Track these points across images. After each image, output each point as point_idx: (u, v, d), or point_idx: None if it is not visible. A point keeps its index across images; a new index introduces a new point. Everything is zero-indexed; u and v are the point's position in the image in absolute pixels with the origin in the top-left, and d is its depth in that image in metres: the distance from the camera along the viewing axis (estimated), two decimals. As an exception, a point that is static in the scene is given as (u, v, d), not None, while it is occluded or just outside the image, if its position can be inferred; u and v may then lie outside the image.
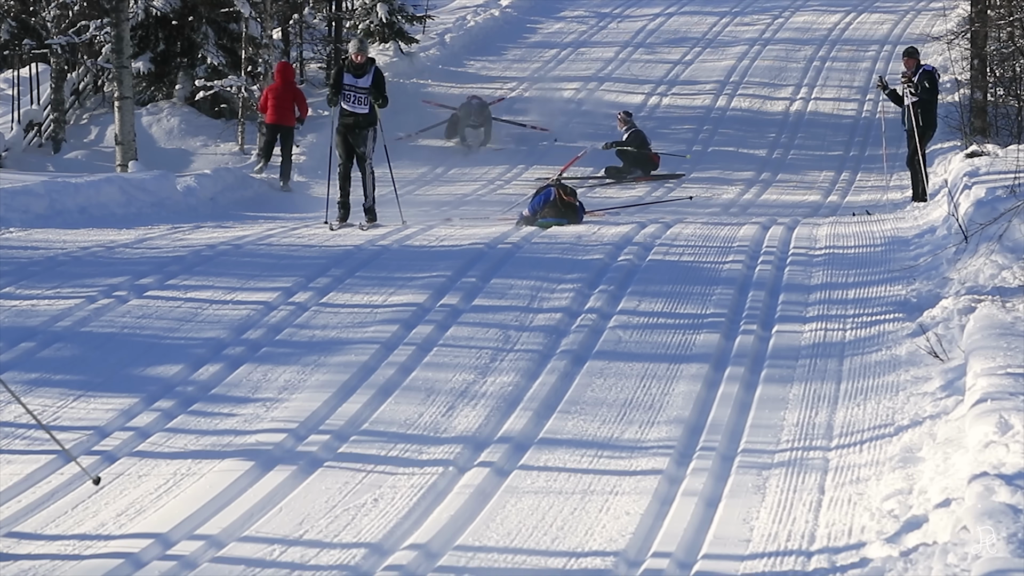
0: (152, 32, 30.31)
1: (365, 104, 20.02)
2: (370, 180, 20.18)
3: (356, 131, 20.06)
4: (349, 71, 20.07)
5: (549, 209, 20.13)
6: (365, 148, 20.07)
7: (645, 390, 11.91)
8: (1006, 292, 13.11)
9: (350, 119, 20.07)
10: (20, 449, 10.72)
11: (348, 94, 19.99)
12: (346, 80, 19.98)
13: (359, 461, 10.39)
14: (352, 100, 20.00)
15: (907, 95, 22.28)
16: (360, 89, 19.98)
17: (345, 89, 19.99)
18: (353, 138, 20.12)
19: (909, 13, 39.69)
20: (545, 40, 38.55)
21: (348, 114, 20.08)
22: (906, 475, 9.60)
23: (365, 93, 19.99)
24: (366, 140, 20.09)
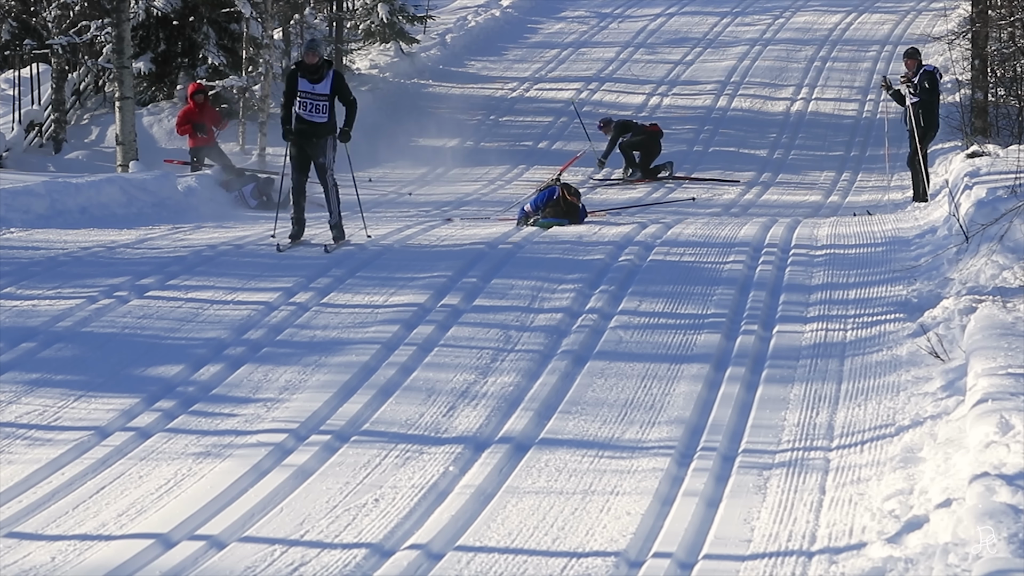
0: (153, 32, 30.32)
1: (324, 112, 17.63)
2: (333, 193, 17.92)
3: (313, 140, 17.72)
4: (303, 76, 17.60)
5: (551, 208, 20.12)
6: (324, 158, 17.71)
7: (646, 390, 11.91)
8: (1007, 292, 13.10)
9: (306, 127, 17.67)
10: (20, 449, 10.72)
11: (304, 102, 17.59)
12: (301, 86, 17.60)
13: (360, 461, 10.39)
14: (309, 108, 17.59)
15: (908, 95, 22.16)
16: (317, 96, 17.55)
17: (300, 96, 17.62)
18: (310, 148, 17.75)
19: (910, 13, 39.70)
20: (546, 40, 38.56)
21: (305, 123, 17.65)
22: (907, 475, 9.60)
23: (324, 100, 17.57)
24: (325, 149, 17.71)
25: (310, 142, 17.66)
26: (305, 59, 17.59)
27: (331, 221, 17.95)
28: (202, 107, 25.78)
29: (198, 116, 25.65)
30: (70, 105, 30.24)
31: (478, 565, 8.67)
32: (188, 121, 25.64)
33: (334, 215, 17.90)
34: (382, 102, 32.40)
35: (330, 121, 17.65)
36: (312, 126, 17.59)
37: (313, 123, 17.57)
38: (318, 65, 17.51)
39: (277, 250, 17.21)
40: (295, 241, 17.79)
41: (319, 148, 17.66)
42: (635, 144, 26.66)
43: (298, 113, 17.59)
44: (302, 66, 17.58)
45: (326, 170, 17.74)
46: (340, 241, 17.77)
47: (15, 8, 31.00)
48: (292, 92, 17.63)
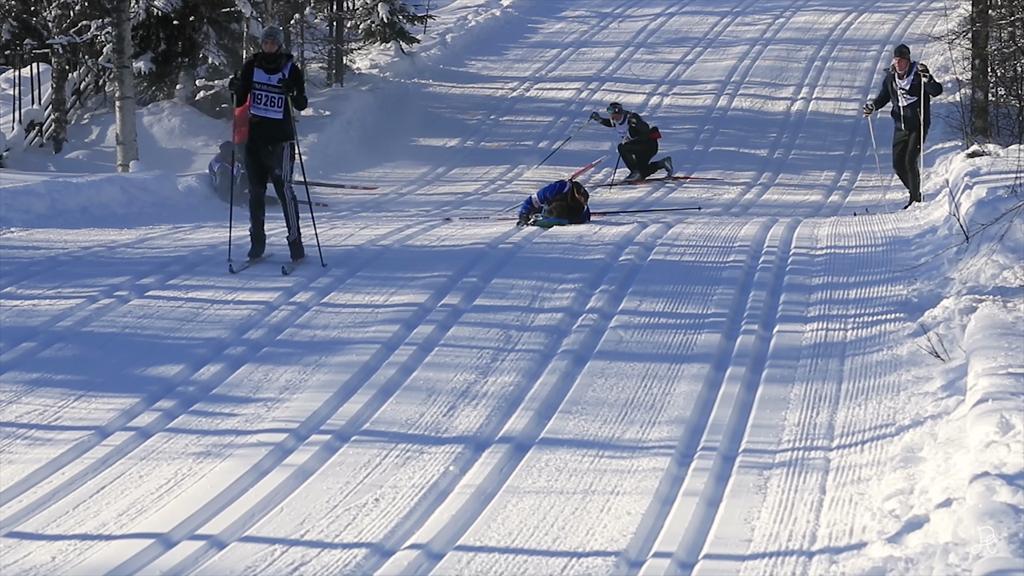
0: (153, 32, 30.31)
1: (279, 107, 16.30)
2: (292, 208, 16.54)
3: (268, 148, 16.33)
4: (260, 65, 16.34)
5: (557, 203, 20.08)
6: (281, 170, 16.42)
7: (646, 390, 11.91)
8: (1007, 292, 13.10)
9: (260, 128, 16.29)
10: (20, 449, 10.72)
11: (259, 94, 16.27)
12: (256, 76, 16.30)
13: (360, 461, 10.39)
14: (264, 101, 16.29)
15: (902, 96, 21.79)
16: (273, 87, 16.27)
17: (255, 88, 16.29)
18: (265, 156, 16.40)
19: (910, 13, 39.71)
20: (546, 40, 38.57)
21: (258, 121, 16.30)
22: (907, 475, 9.60)
23: (279, 92, 16.26)
24: (281, 159, 16.39)
25: (265, 149, 16.34)
26: (263, 47, 16.42)
27: (289, 238, 16.54)
28: None
29: None
30: (70, 105, 30.24)
31: (478, 565, 8.67)
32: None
33: (292, 231, 16.53)
34: (382, 102, 32.41)
35: (285, 119, 16.34)
36: (267, 125, 16.27)
37: (267, 120, 16.27)
38: (276, 54, 16.31)
39: (230, 271, 15.88)
40: (254, 259, 16.42)
41: (275, 157, 16.36)
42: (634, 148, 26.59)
43: (252, 112, 16.32)
44: (259, 56, 16.43)
45: (283, 182, 16.43)
46: (299, 260, 16.42)
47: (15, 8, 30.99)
48: (247, 81, 16.29)
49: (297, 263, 16.30)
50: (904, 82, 21.70)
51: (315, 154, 28.18)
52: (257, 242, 16.56)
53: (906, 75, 21.75)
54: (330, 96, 32.01)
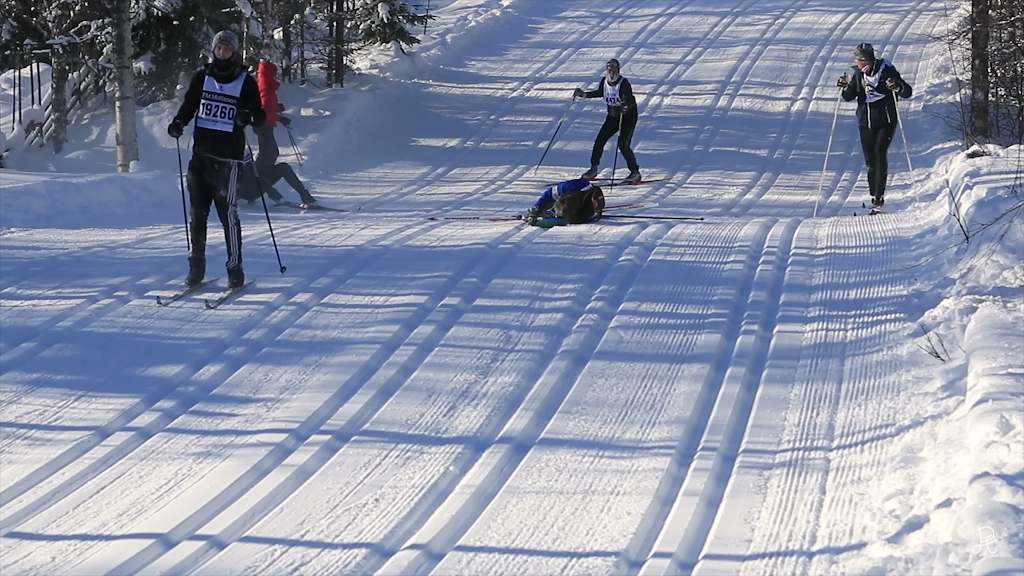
0: (153, 32, 30.30)
1: (228, 119, 14.96)
2: (233, 232, 15.22)
3: (215, 167, 15.05)
4: (212, 73, 15.09)
5: (569, 197, 20.09)
6: (226, 192, 15.12)
7: (646, 390, 11.91)
8: (1007, 292, 13.11)
9: (206, 143, 15.03)
10: (20, 449, 10.72)
11: (208, 105, 14.99)
12: (206, 86, 15.02)
13: (360, 461, 10.40)
14: (212, 112, 14.97)
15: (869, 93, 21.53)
16: (226, 98, 14.98)
17: (205, 98, 15.00)
18: (210, 175, 15.11)
19: (910, 13, 39.69)
20: (546, 40, 38.55)
21: (205, 135, 15.04)
22: (907, 475, 9.60)
23: (231, 103, 14.96)
24: (227, 180, 15.10)
25: (211, 168, 15.06)
26: (216, 53, 15.07)
27: (229, 264, 15.25)
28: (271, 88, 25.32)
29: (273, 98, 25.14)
30: (70, 105, 30.22)
31: (478, 565, 8.67)
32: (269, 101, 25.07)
33: (233, 257, 15.24)
34: (382, 102, 32.40)
35: (235, 135, 15.02)
36: (213, 137, 14.99)
37: (215, 132, 14.98)
38: (230, 62, 15.01)
39: (158, 303, 14.54)
40: (192, 286, 15.14)
41: (220, 177, 15.08)
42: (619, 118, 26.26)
43: (199, 125, 15.08)
44: (211, 63, 15.22)
45: (227, 205, 15.16)
46: (236, 288, 15.08)
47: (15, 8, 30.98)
48: (195, 95, 15.07)
49: (232, 292, 14.98)
50: (871, 79, 21.48)
51: (315, 154, 28.17)
52: (197, 267, 15.32)
53: (872, 72, 21.53)
54: (330, 96, 32.00)
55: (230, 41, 15.20)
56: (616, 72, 26.41)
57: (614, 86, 26.31)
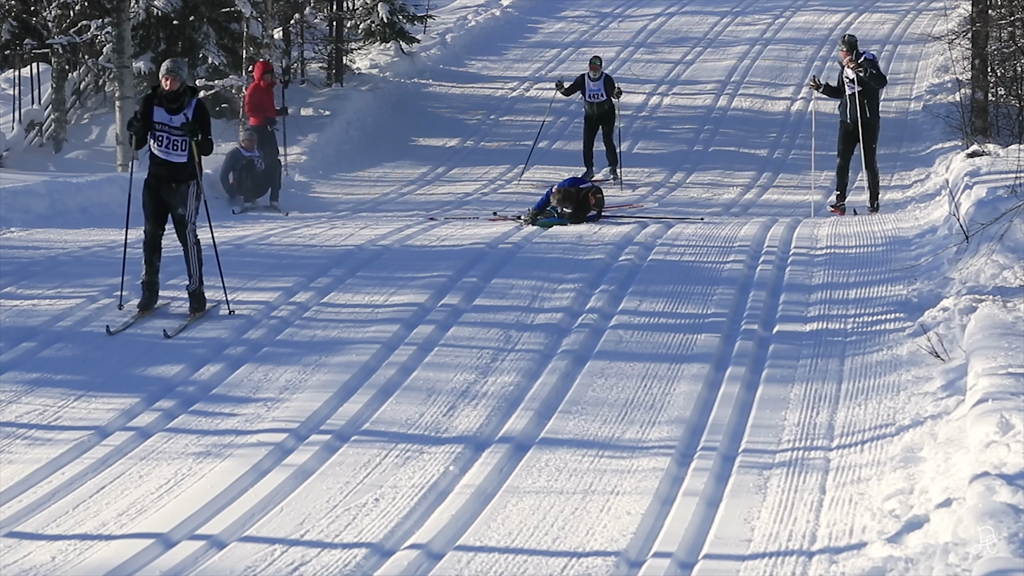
0: (153, 32, 30.29)
1: (183, 150, 14.18)
2: (194, 253, 14.45)
3: (172, 185, 14.27)
4: (160, 103, 14.17)
5: (568, 192, 20.13)
6: (185, 209, 14.29)
7: (646, 390, 11.91)
8: (1007, 292, 13.11)
9: (163, 169, 14.28)
10: (20, 449, 10.72)
11: (160, 136, 14.18)
12: (156, 116, 14.16)
13: (360, 461, 10.39)
14: (165, 144, 14.18)
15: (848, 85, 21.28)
16: (175, 130, 14.15)
17: (156, 129, 14.18)
18: (167, 194, 14.30)
19: (910, 13, 39.68)
20: (546, 40, 38.54)
21: (160, 163, 14.27)
22: (907, 475, 9.60)
23: (181, 135, 14.15)
24: (186, 198, 14.29)
25: (168, 186, 14.27)
26: (163, 83, 14.13)
27: (189, 287, 14.43)
28: (269, 88, 25.25)
29: (268, 98, 25.15)
30: (70, 105, 30.21)
31: (478, 565, 8.67)
32: (260, 102, 25.03)
33: (194, 280, 14.41)
34: (382, 102, 32.39)
35: (190, 163, 14.28)
36: (167, 166, 14.25)
37: (169, 163, 14.24)
38: (179, 93, 14.13)
39: (108, 332, 13.63)
40: (145, 311, 14.25)
41: (178, 195, 14.27)
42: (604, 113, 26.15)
43: (152, 152, 14.35)
44: (158, 92, 14.20)
45: (186, 224, 14.33)
46: (198, 314, 14.25)
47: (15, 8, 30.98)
48: (144, 120, 14.20)
49: (194, 318, 14.15)
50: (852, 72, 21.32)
51: (315, 154, 28.17)
52: (150, 291, 14.39)
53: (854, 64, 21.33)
54: (330, 96, 31.99)
55: (177, 72, 14.20)
56: (599, 69, 26.39)
57: (597, 82, 26.23)
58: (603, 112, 26.17)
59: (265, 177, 24.10)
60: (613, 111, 26.23)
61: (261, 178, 24.09)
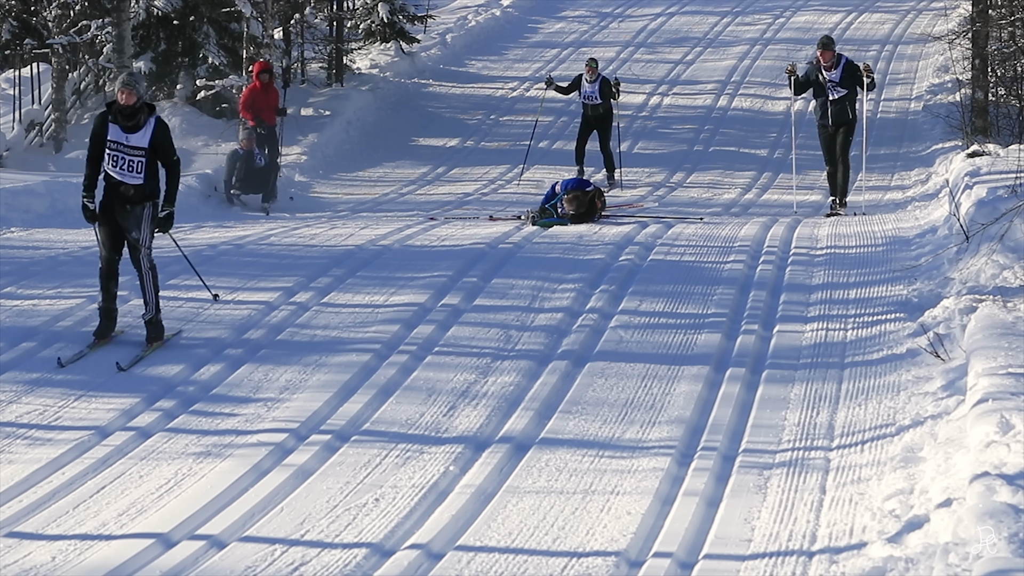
0: (153, 32, 30.28)
1: (139, 172, 13.18)
2: (149, 279, 13.45)
3: (126, 208, 13.31)
4: (115, 120, 13.16)
5: (579, 197, 20.14)
6: (139, 233, 13.35)
7: (646, 390, 11.91)
8: (1007, 292, 13.11)
9: (117, 190, 13.33)
10: (20, 449, 10.72)
11: (115, 156, 13.18)
12: (111, 134, 13.16)
13: (360, 461, 10.39)
14: (120, 165, 13.19)
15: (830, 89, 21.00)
16: (132, 150, 13.16)
17: (110, 148, 13.18)
18: (122, 217, 13.35)
19: (910, 13, 39.68)
20: (546, 40, 38.53)
21: (116, 182, 13.28)
22: (907, 475, 9.60)
23: (139, 155, 13.14)
24: (140, 221, 13.33)
25: (123, 209, 13.34)
26: (119, 97, 13.15)
27: (145, 316, 13.43)
28: (267, 87, 25.18)
29: (263, 98, 25.09)
30: (70, 104, 30.21)
31: (478, 565, 8.67)
32: (254, 102, 24.99)
33: (150, 308, 13.40)
34: (382, 102, 32.39)
35: (147, 184, 13.29)
36: (122, 185, 13.30)
37: (124, 184, 13.29)
38: (135, 109, 13.09)
39: (59, 364, 12.72)
40: (101, 340, 13.34)
41: (132, 219, 13.33)
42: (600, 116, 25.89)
43: (107, 172, 13.30)
44: (114, 108, 13.21)
45: (139, 249, 13.38)
46: (155, 343, 13.27)
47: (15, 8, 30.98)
48: (99, 143, 13.25)
49: (151, 349, 13.16)
50: (833, 74, 20.97)
51: (315, 154, 28.17)
52: (107, 319, 13.50)
53: (833, 67, 20.99)
54: (330, 96, 31.99)
55: (135, 85, 13.22)
56: (595, 71, 25.98)
57: (593, 84, 25.87)
58: (599, 116, 25.75)
59: (261, 175, 24.05)
60: (610, 115, 25.77)
61: (257, 173, 24.02)
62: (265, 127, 24.72)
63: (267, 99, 25.07)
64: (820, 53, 21.19)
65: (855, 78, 21.01)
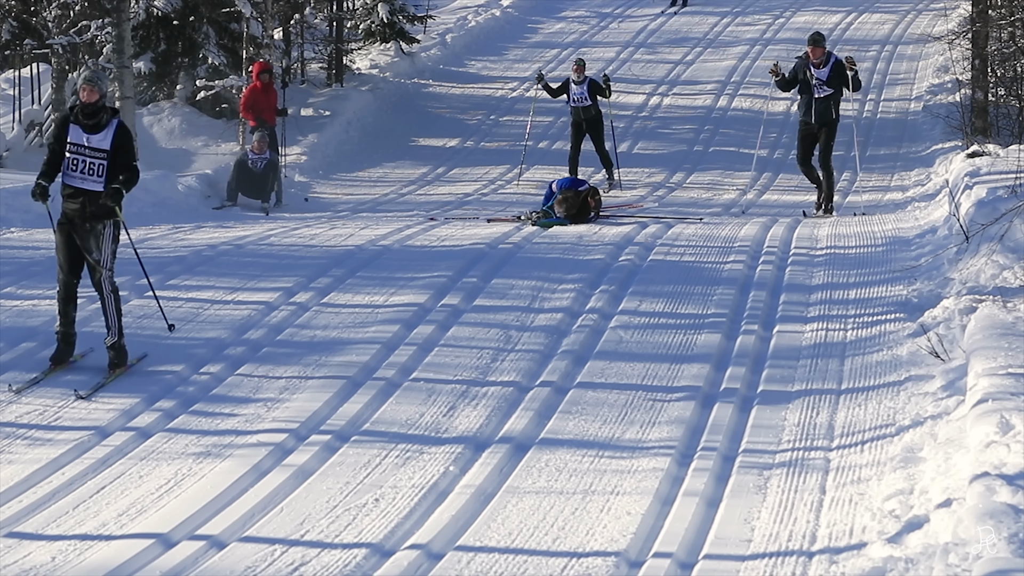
0: (153, 32, 30.28)
1: (99, 176, 12.46)
2: (111, 302, 12.71)
3: (86, 226, 12.56)
4: (76, 120, 12.50)
5: (571, 198, 20.15)
6: (100, 254, 12.63)
7: (646, 390, 11.91)
8: (1007, 292, 13.11)
9: (76, 202, 12.51)
10: (20, 449, 10.72)
11: (75, 159, 12.47)
12: (71, 136, 12.48)
13: (360, 461, 10.39)
14: (80, 168, 12.47)
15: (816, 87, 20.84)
16: (93, 152, 12.47)
17: (70, 151, 12.48)
18: (81, 236, 12.59)
19: (910, 13, 39.67)
20: (546, 40, 38.52)
21: (73, 193, 12.51)
22: (907, 475, 9.60)
23: (101, 158, 12.46)
24: (100, 240, 12.63)
25: (81, 228, 12.58)
26: (81, 95, 12.48)
27: (108, 340, 12.66)
28: (267, 88, 25.14)
29: (264, 98, 25.07)
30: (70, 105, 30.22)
31: (478, 565, 8.67)
32: (255, 102, 24.96)
33: (113, 332, 12.64)
34: (382, 102, 32.39)
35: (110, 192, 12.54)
36: (83, 198, 12.52)
37: (84, 192, 12.50)
38: (98, 108, 12.47)
39: (10, 389, 12.02)
40: (58, 366, 12.56)
41: (92, 238, 12.61)
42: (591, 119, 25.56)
43: (65, 181, 12.57)
44: (76, 110, 12.56)
45: (100, 270, 12.65)
46: (119, 370, 12.52)
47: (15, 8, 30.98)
48: (59, 145, 12.55)
49: (114, 375, 12.43)
50: (821, 72, 20.81)
51: (315, 154, 28.16)
52: (65, 343, 12.71)
53: (823, 65, 20.81)
54: (330, 96, 31.99)
55: (97, 82, 12.52)
56: (582, 71, 25.62)
57: (580, 86, 25.38)
58: (590, 118, 25.30)
59: (260, 178, 24.00)
60: (601, 116, 25.36)
61: (255, 177, 23.96)
62: (266, 127, 24.70)
63: (267, 99, 25.06)
64: (810, 49, 21.00)
65: (842, 78, 20.90)
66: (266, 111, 24.93)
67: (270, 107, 25.03)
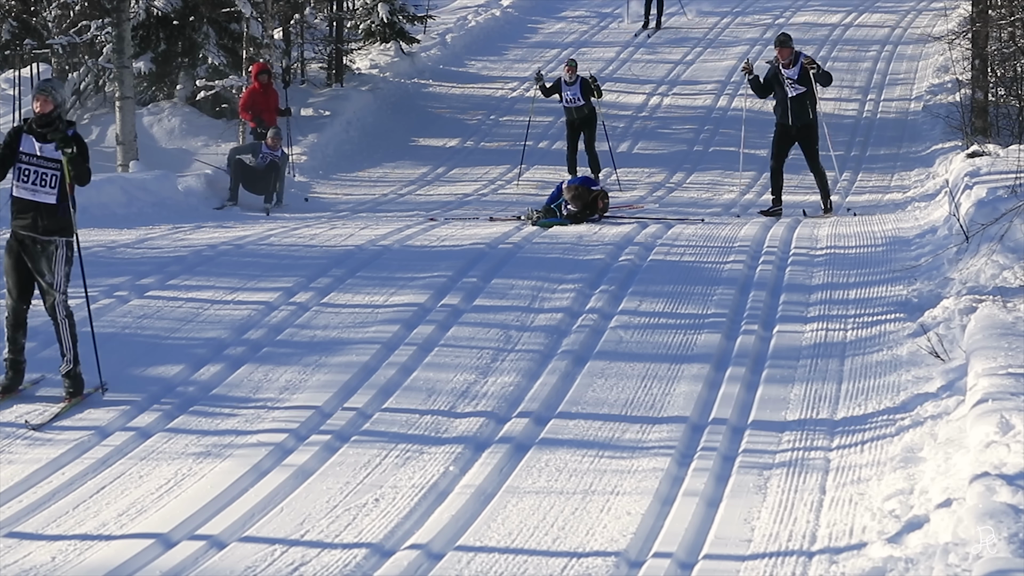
0: (153, 32, 30.29)
1: (52, 188, 11.72)
2: (65, 328, 11.98)
3: (37, 247, 11.82)
4: (30, 131, 11.77)
5: (581, 192, 20.18)
6: (53, 277, 11.92)
7: (646, 390, 11.91)
8: (1007, 292, 13.11)
9: (26, 218, 11.76)
10: (20, 449, 10.72)
11: (26, 170, 11.71)
12: (23, 146, 11.73)
13: (360, 461, 10.40)
14: (31, 179, 11.71)
15: (790, 87, 21.04)
16: (47, 162, 11.69)
17: (21, 161, 11.72)
18: (32, 258, 11.85)
19: (910, 13, 39.67)
20: (546, 40, 38.53)
21: (24, 207, 11.76)
22: (907, 475, 9.61)
23: (53, 168, 11.69)
24: (52, 262, 11.89)
25: (32, 249, 11.84)
26: (34, 106, 11.85)
27: (63, 368, 11.92)
28: (266, 88, 25.12)
29: (263, 98, 25.05)
30: (70, 105, 30.22)
31: (478, 565, 8.67)
32: (253, 103, 24.94)
33: (68, 360, 11.89)
34: (382, 102, 32.39)
35: (61, 207, 11.82)
36: (33, 210, 11.75)
37: (35, 204, 11.74)
38: (52, 119, 11.74)
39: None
40: (7, 394, 11.88)
41: (44, 259, 11.87)
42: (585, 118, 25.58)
43: (14, 195, 11.82)
44: (30, 120, 11.86)
45: (54, 294, 11.93)
46: (74, 399, 11.77)
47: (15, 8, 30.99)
48: (10, 152, 11.78)
49: (69, 404, 11.70)
50: (791, 72, 21.06)
51: (315, 154, 28.16)
52: (14, 371, 12.00)
53: (791, 64, 21.08)
54: (330, 96, 31.99)
55: (51, 92, 11.84)
56: (574, 72, 25.65)
57: (572, 86, 25.39)
58: (583, 117, 25.39)
59: (262, 176, 23.97)
60: (594, 116, 25.38)
61: (255, 176, 23.91)
62: (265, 128, 24.69)
63: (267, 100, 25.05)
64: (778, 51, 21.26)
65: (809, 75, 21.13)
66: (266, 112, 24.91)
67: (270, 108, 25.01)
